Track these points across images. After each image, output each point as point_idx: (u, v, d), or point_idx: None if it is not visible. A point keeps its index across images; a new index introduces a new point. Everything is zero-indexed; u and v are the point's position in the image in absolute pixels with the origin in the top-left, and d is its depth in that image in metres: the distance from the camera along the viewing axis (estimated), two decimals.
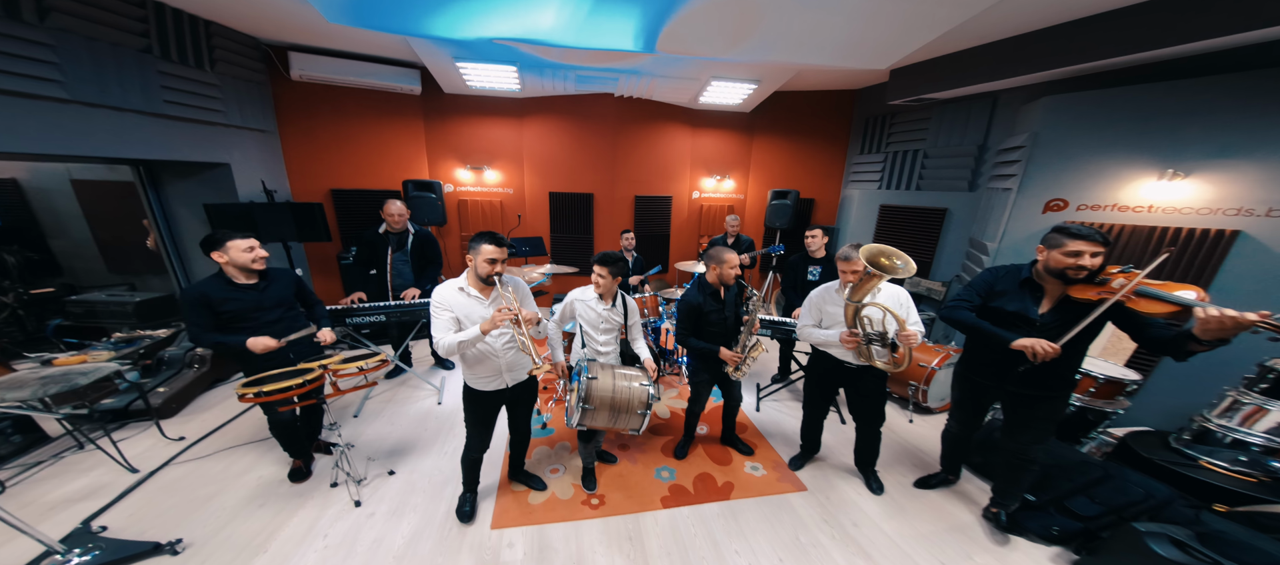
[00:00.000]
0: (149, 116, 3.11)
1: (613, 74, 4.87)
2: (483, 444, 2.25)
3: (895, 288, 2.29)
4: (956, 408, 2.44)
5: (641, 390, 2.20)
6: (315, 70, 4.36)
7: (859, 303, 2.17)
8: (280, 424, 2.39)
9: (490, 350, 2.01)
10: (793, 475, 2.83)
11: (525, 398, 2.29)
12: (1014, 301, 1.97)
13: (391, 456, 2.81)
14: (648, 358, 2.56)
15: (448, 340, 1.87)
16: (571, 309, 2.48)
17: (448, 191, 5.45)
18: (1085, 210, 3.30)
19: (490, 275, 1.89)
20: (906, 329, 2.10)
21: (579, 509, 2.49)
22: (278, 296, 2.33)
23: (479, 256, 1.88)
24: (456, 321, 1.93)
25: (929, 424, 3.46)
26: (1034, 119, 3.55)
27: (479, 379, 2.08)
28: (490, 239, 1.88)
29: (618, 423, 2.21)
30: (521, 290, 2.11)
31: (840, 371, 2.47)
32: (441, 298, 1.93)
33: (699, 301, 2.54)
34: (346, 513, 2.31)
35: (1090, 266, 1.75)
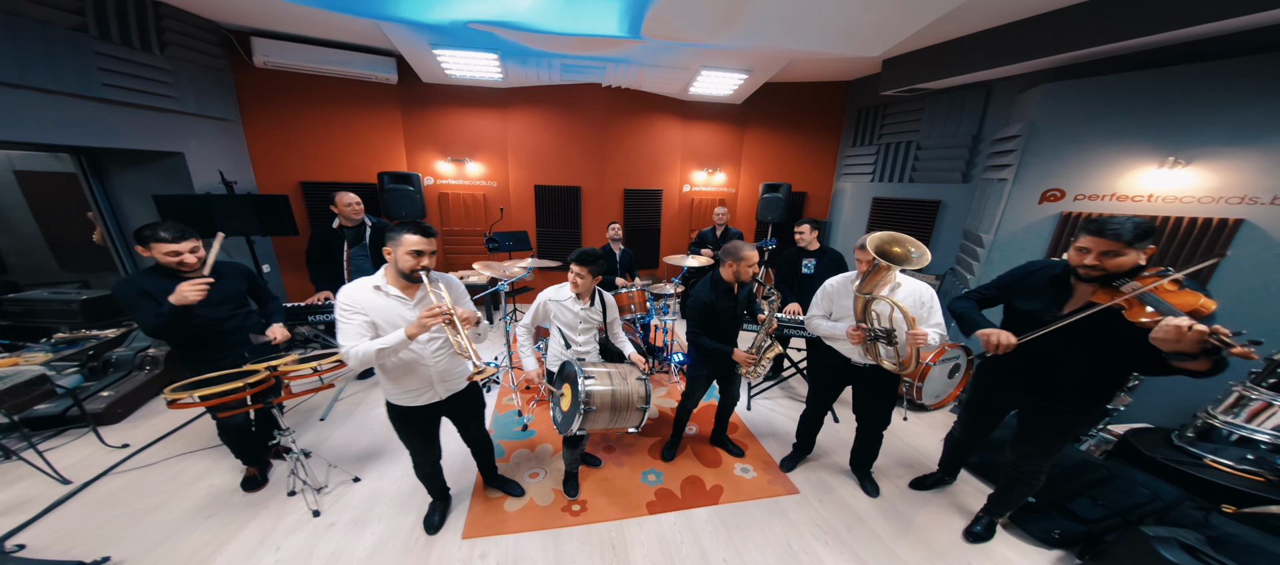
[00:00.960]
0: (85, 100, 2.88)
1: (599, 63, 4.73)
2: (430, 460, 2.08)
3: (918, 284, 2.08)
4: (964, 410, 2.32)
5: (640, 385, 2.08)
6: (281, 57, 4.15)
7: (869, 295, 2.01)
8: (230, 429, 2.21)
9: (417, 357, 1.74)
10: (784, 477, 2.72)
11: (469, 408, 2.07)
12: (1034, 299, 1.78)
13: (359, 462, 2.64)
14: (633, 352, 2.43)
15: (361, 349, 1.53)
16: (544, 310, 2.33)
17: (428, 184, 5.27)
18: (1083, 200, 3.23)
19: (414, 271, 1.60)
20: (915, 328, 1.92)
21: (559, 516, 2.35)
22: (226, 292, 2.16)
23: (400, 248, 1.59)
24: (372, 327, 1.61)
25: (924, 422, 3.37)
26: (1030, 107, 3.48)
27: (405, 393, 1.80)
28: (414, 228, 1.59)
29: (617, 422, 2.06)
30: (456, 289, 1.84)
31: (847, 369, 2.34)
32: (351, 299, 1.60)
33: (711, 299, 2.39)
34: (304, 523, 2.14)
35: (1100, 266, 1.53)
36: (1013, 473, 2.07)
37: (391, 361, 1.70)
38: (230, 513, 2.19)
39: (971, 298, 2.02)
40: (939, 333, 2.03)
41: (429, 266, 1.64)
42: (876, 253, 1.89)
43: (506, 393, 3.60)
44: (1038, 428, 1.93)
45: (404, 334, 1.55)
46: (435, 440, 2.04)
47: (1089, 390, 1.75)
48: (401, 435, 1.94)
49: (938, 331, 2.03)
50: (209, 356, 2.09)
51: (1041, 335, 1.66)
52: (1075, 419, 1.85)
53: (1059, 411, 1.85)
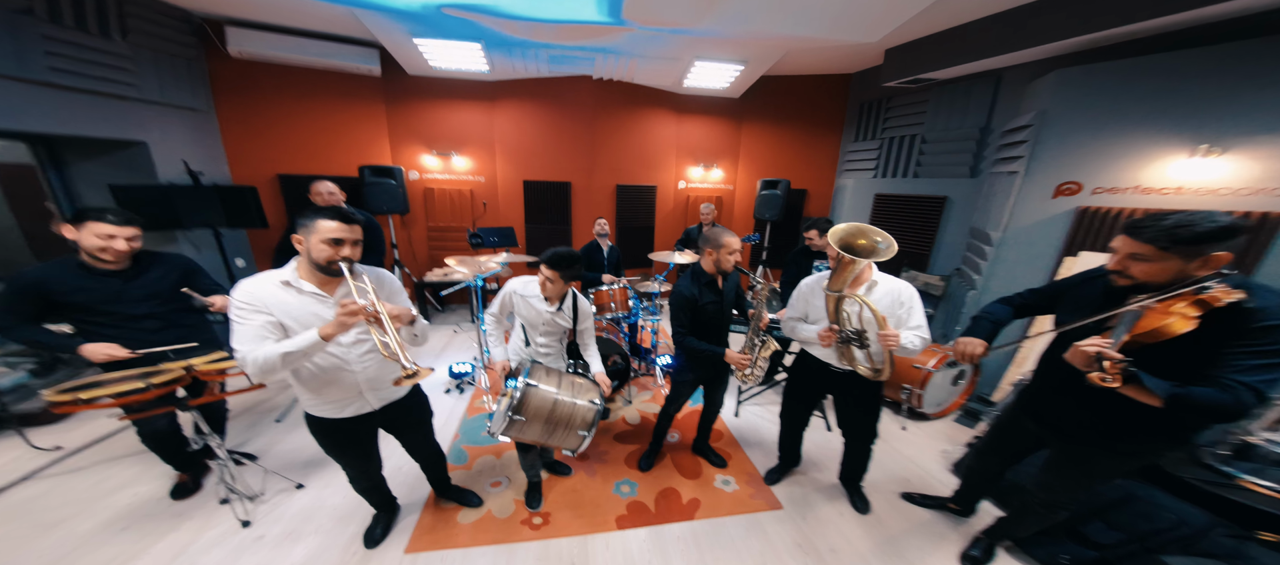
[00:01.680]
0: (27, 84, 2.75)
1: (587, 53, 4.57)
2: (365, 473, 1.86)
3: (897, 283, 1.92)
4: (987, 440, 2.05)
5: (588, 408, 1.88)
6: (257, 47, 4.04)
7: (839, 292, 1.83)
8: (153, 435, 2.04)
9: (340, 363, 1.52)
10: (768, 491, 2.51)
11: (410, 418, 1.87)
12: (1077, 311, 1.47)
13: (308, 468, 2.48)
14: (599, 370, 2.23)
15: (262, 353, 1.29)
16: (509, 302, 2.15)
17: (413, 179, 5.15)
18: (1102, 193, 2.98)
19: (332, 262, 1.38)
20: (886, 329, 1.75)
21: (517, 530, 2.17)
22: (151, 288, 1.96)
23: (313, 236, 1.37)
24: (279, 329, 1.38)
25: (924, 432, 3.14)
26: (1042, 96, 3.25)
27: (328, 404, 1.57)
28: (332, 214, 1.37)
29: (552, 439, 1.87)
30: (388, 284, 1.62)
31: (826, 375, 2.13)
32: (250, 296, 1.35)
33: (694, 294, 2.17)
34: (230, 535, 1.99)
35: (1132, 275, 1.29)
36: (1030, 501, 1.81)
37: (307, 369, 1.47)
38: (149, 524, 2.03)
39: (1009, 302, 1.80)
40: (919, 336, 1.85)
41: (351, 258, 1.41)
42: (840, 246, 1.72)
43: (480, 395, 3.43)
44: (1061, 462, 1.68)
45: (317, 335, 1.32)
46: (371, 454, 1.85)
47: (1122, 424, 1.43)
48: (329, 450, 1.71)
49: (917, 335, 1.85)
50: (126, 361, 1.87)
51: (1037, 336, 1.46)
52: (1107, 457, 1.53)
53: (1083, 448, 1.59)
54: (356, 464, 1.81)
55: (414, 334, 1.61)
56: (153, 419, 1.97)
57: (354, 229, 1.42)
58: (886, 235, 1.72)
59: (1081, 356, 1.28)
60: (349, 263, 1.40)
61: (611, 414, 3.26)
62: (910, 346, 1.83)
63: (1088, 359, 1.25)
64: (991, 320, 1.74)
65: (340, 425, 1.63)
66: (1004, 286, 3.40)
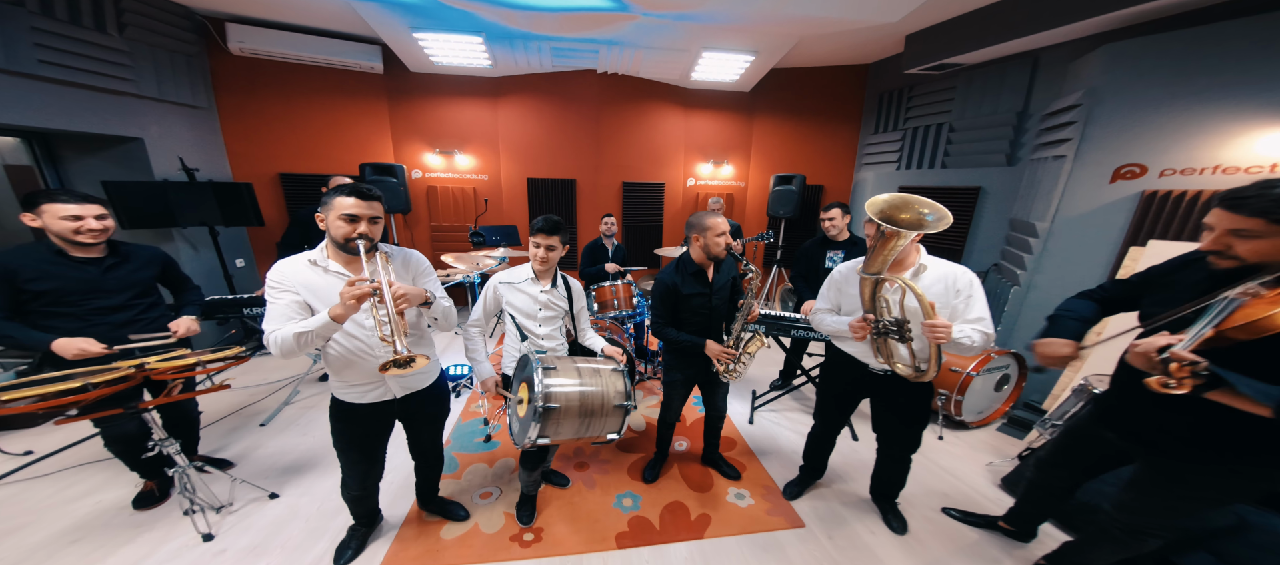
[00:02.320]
0: (15, 76, 2.70)
1: (591, 45, 4.43)
2: (364, 480, 1.74)
3: (951, 267, 1.63)
4: (1055, 448, 1.74)
5: (615, 378, 1.68)
6: (258, 43, 4.02)
7: (877, 275, 1.56)
8: (120, 439, 1.89)
9: (361, 347, 1.47)
10: (787, 506, 2.24)
11: (427, 410, 1.76)
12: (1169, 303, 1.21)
13: (285, 475, 2.31)
14: (605, 345, 2.04)
15: (282, 334, 1.29)
16: (494, 298, 1.94)
17: (415, 178, 5.06)
18: (1172, 175, 2.64)
19: (349, 239, 1.35)
20: (933, 317, 1.45)
21: (505, 547, 1.95)
22: (128, 279, 1.85)
23: (331, 213, 1.35)
24: (305, 309, 1.38)
25: (964, 443, 2.83)
26: (1090, 73, 2.95)
27: (351, 387, 1.55)
28: (349, 190, 1.35)
29: (590, 430, 1.65)
30: (415, 265, 1.59)
31: (863, 377, 1.86)
32: (281, 275, 1.38)
33: (675, 282, 2.00)
34: (188, 549, 1.81)
35: (1238, 254, 1.07)
36: (1109, 526, 1.49)
37: (333, 349, 1.47)
38: (104, 536, 1.87)
39: (1092, 296, 1.54)
40: (980, 331, 1.55)
41: (370, 235, 1.37)
42: (880, 218, 1.46)
43: (475, 399, 3.24)
44: (1153, 482, 1.38)
45: (328, 316, 1.28)
46: (378, 453, 1.73)
47: (1243, 439, 1.15)
48: (338, 441, 1.63)
49: (977, 329, 1.55)
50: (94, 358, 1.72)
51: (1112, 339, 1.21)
52: (1213, 477, 1.25)
53: (1182, 465, 1.29)
54: (360, 463, 1.69)
55: (434, 318, 1.57)
56: (119, 421, 1.82)
57: (372, 206, 1.38)
58: (937, 206, 1.46)
59: (1141, 357, 1.06)
60: (367, 240, 1.36)
61: None
62: (967, 341, 1.53)
63: (1148, 360, 1.03)
64: (1076, 318, 1.46)
65: (360, 413, 1.58)
66: (1055, 282, 3.08)
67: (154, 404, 1.70)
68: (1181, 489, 1.32)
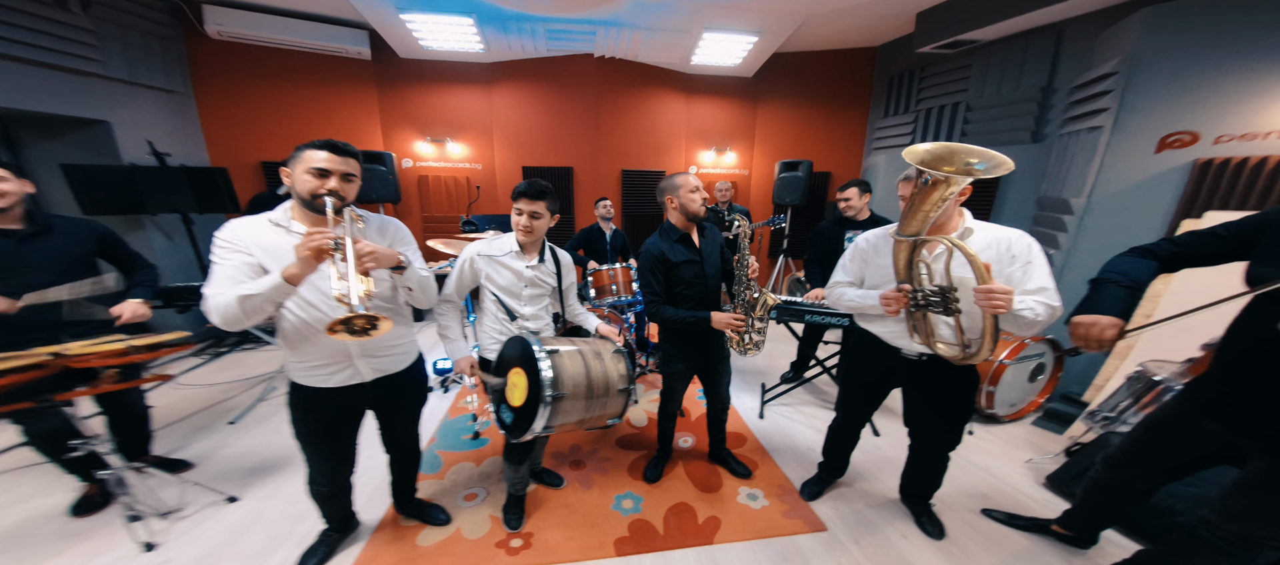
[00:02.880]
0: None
1: (587, 27, 4.24)
2: (334, 476, 1.53)
3: (1004, 231, 1.38)
4: (1132, 442, 1.45)
5: (618, 361, 1.53)
6: (237, 26, 3.84)
7: (915, 237, 1.32)
8: (42, 437, 1.66)
9: (322, 318, 1.26)
10: (806, 508, 2.00)
11: (402, 398, 1.56)
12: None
13: (250, 477, 2.09)
14: (599, 324, 1.83)
15: (224, 298, 1.11)
16: (471, 271, 1.69)
17: (406, 167, 4.86)
18: (1230, 141, 2.43)
19: (316, 196, 1.17)
20: (988, 280, 1.19)
21: (489, 554, 1.72)
22: (55, 254, 1.64)
23: (299, 167, 1.18)
24: (259, 272, 1.20)
25: (997, 438, 2.58)
26: (1128, 40, 2.75)
27: (315, 369, 1.33)
28: (322, 144, 1.18)
29: (593, 411, 1.49)
30: (392, 232, 1.41)
31: (896, 363, 1.61)
32: (234, 234, 1.19)
33: (662, 250, 1.78)
34: (126, 560, 1.58)
35: None
36: (1210, 536, 1.22)
37: (288, 321, 1.27)
38: (32, 546, 1.64)
39: (1153, 253, 1.25)
40: (1044, 303, 1.28)
41: (339, 193, 1.19)
42: (922, 166, 1.21)
43: (465, 394, 3.02)
44: (1266, 480, 1.12)
45: (280, 277, 1.11)
46: (348, 445, 1.52)
47: None
48: (300, 432, 1.41)
49: (1040, 300, 1.28)
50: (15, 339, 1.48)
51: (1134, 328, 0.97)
52: None
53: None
54: (328, 457, 1.49)
55: (409, 286, 1.36)
56: (42, 416, 1.59)
57: (346, 162, 1.22)
58: (989, 152, 1.18)
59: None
60: (336, 198, 1.18)
61: None
62: (1030, 314, 1.26)
63: None
64: (1126, 284, 1.19)
65: (326, 399, 1.37)
66: (1095, 263, 2.81)
67: (74, 396, 1.47)
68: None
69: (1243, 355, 1.14)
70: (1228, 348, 1.19)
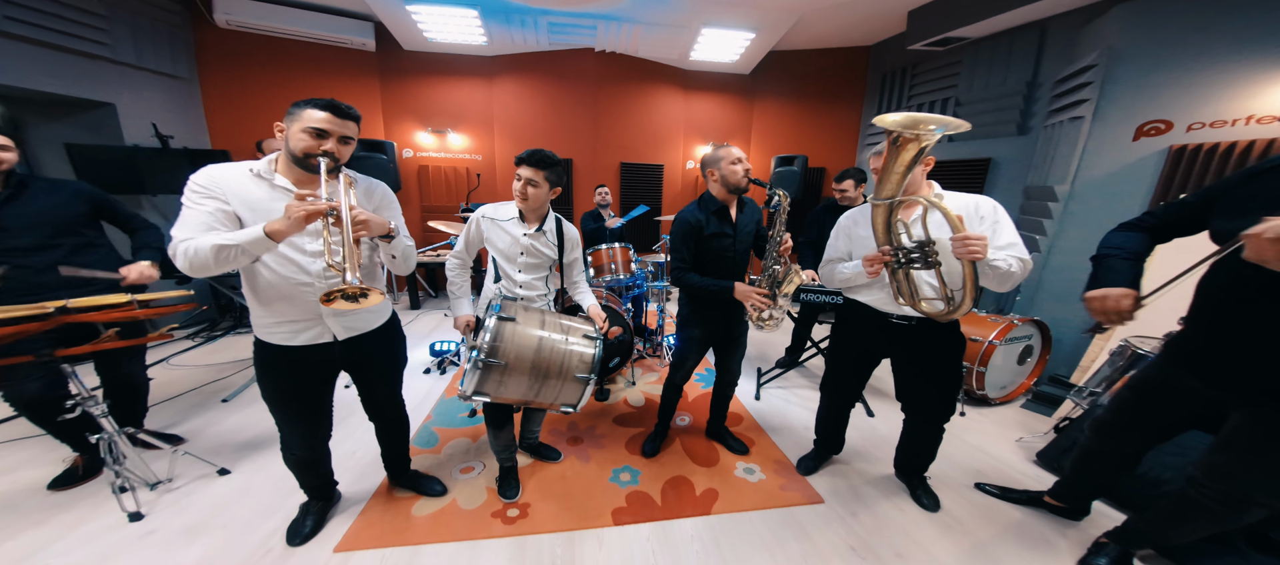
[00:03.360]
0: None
1: (588, 20, 4.21)
2: (309, 439, 1.44)
3: (972, 196, 1.43)
4: (1115, 407, 1.44)
5: (586, 347, 1.48)
6: (245, 16, 3.78)
7: (892, 200, 1.35)
8: (23, 402, 1.58)
9: (299, 276, 1.21)
10: (803, 482, 1.97)
11: (377, 359, 1.48)
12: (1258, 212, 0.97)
13: (241, 451, 2.02)
14: (593, 304, 1.76)
15: (198, 243, 1.03)
16: (477, 231, 1.67)
17: (407, 157, 4.80)
18: (1202, 129, 2.46)
19: (310, 154, 1.13)
20: (962, 229, 1.24)
21: (486, 523, 1.67)
22: (40, 215, 1.57)
23: (296, 124, 1.13)
24: (235, 222, 1.13)
25: (989, 419, 2.56)
26: (1106, 34, 2.79)
27: (281, 326, 1.26)
28: (324, 104, 1.14)
29: (543, 393, 1.45)
30: (379, 196, 1.35)
31: (884, 330, 1.60)
32: (212, 180, 1.12)
33: (699, 220, 1.74)
34: (111, 530, 1.51)
35: None
36: (1193, 496, 1.23)
37: (262, 277, 1.20)
38: (13, 517, 1.56)
39: (1139, 226, 1.29)
40: (1016, 256, 1.33)
41: (334, 154, 1.14)
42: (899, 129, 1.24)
43: (463, 375, 2.95)
44: (1247, 435, 1.12)
45: (262, 231, 1.04)
46: (321, 406, 1.43)
47: None
48: (269, 394, 1.34)
49: (1011, 254, 1.33)
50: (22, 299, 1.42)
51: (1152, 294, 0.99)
52: None
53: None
54: (301, 419, 1.40)
55: (393, 254, 1.32)
56: (19, 380, 1.52)
57: (346, 124, 1.18)
58: (947, 118, 1.21)
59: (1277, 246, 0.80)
60: (331, 159, 1.13)
61: (611, 395, 2.76)
62: (1005, 266, 1.31)
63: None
64: (1126, 256, 1.21)
65: (293, 357, 1.30)
66: (1080, 246, 2.86)
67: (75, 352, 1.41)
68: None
69: (1213, 309, 1.15)
70: (1200, 304, 1.20)
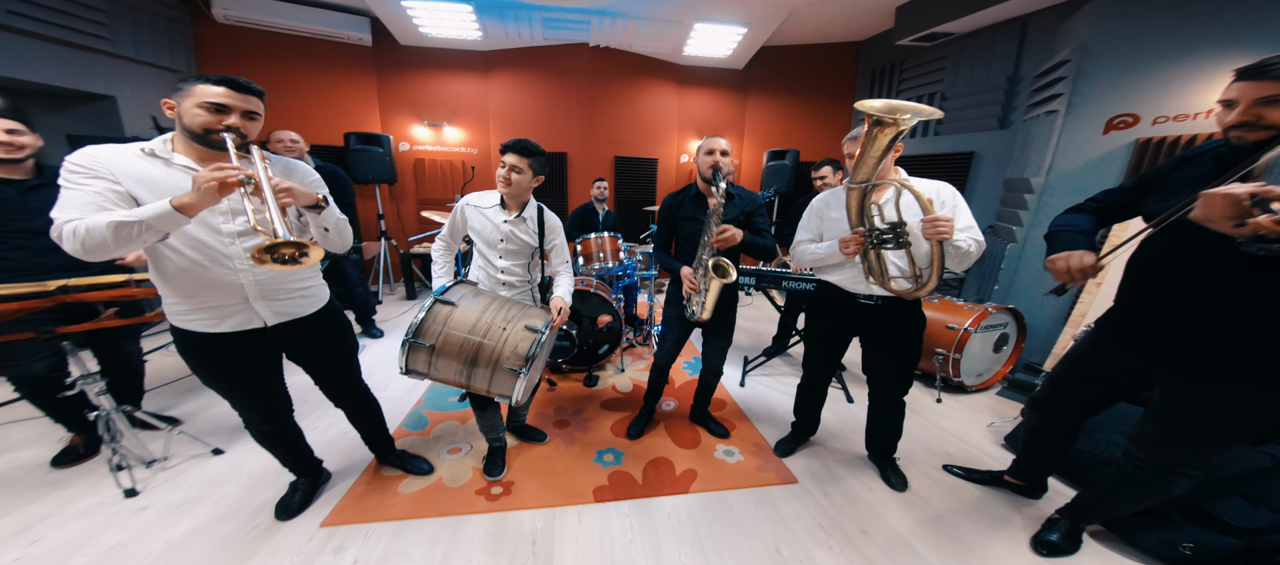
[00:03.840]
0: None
1: (582, 16, 4.19)
2: (267, 414, 1.41)
3: (933, 183, 1.49)
4: (1049, 383, 1.53)
5: (525, 336, 1.43)
6: (243, 11, 3.77)
7: (865, 183, 1.39)
8: (24, 381, 1.59)
9: (217, 255, 1.13)
10: (779, 463, 2.00)
11: (319, 345, 1.41)
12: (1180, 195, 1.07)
13: (237, 432, 2.02)
14: (560, 295, 1.70)
15: (91, 222, 0.93)
16: (461, 217, 1.69)
17: (403, 150, 4.79)
18: (1166, 123, 2.48)
19: (211, 130, 1.04)
20: (931, 211, 1.31)
21: (470, 500, 1.70)
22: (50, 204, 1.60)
23: (187, 100, 1.04)
24: (127, 200, 1.02)
25: (965, 406, 2.59)
26: (1079, 30, 2.82)
27: (201, 314, 1.17)
28: (217, 79, 1.05)
29: (475, 379, 1.43)
30: (302, 173, 1.27)
31: (853, 310, 1.65)
32: (94, 160, 1.00)
33: (675, 203, 1.87)
34: (104, 506, 1.54)
35: (1272, 122, 0.92)
36: (1129, 468, 1.30)
37: (171, 261, 1.10)
38: (11, 494, 1.58)
39: (1083, 209, 1.36)
40: (973, 238, 1.39)
41: (240, 130, 1.06)
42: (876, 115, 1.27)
43: None
44: (1170, 404, 1.18)
45: (169, 205, 0.95)
46: (269, 387, 1.38)
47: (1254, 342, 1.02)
48: (206, 379, 1.29)
49: (969, 236, 1.40)
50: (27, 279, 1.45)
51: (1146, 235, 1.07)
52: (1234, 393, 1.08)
53: (1201, 377, 1.10)
54: (247, 399, 1.36)
55: (325, 227, 1.23)
56: (23, 359, 1.54)
57: (249, 100, 1.09)
58: (919, 106, 1.24)
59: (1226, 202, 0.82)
60: (237, 135, 1.05)
61: (600, 381, 2.78)
62: (965, 245, 1.38)
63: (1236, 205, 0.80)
64: (1078, 232, 1.28)
65: (218, 343, 1.21)
66: None
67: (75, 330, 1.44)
68: (1227, 410, 1.10)
69: (1139, 286, 1.21)
70: (1128, 280, 1.25)
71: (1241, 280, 1.01)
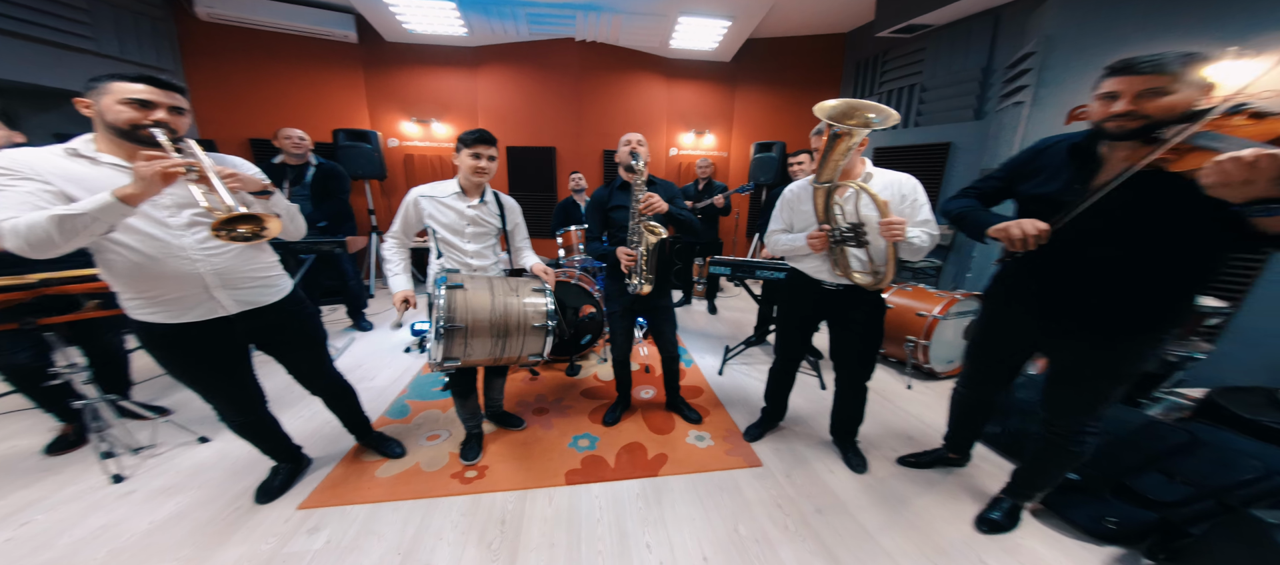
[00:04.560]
0: None
1: (567, 11, 4.17)
2: (239, 406, 1.44)
3: (896, 175, 1.53)
4: (970, 359, 1.60)
5: (538, 298, 1.56)
6: (226, 9, 3.76)
7: (830, 183, 1.45)
8: (9, 371, 1.63)
9: (165, 249, 1.13)
10: (746, 447, 2.05)
11: (289, 335, 1.44)
12: (1050, 180, 1.22)
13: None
14: (537, 262, 1.85)
15: (31, 219, 0.92)
16: (415, 211, 1.68)
17: (392, 146, 4.80)
18: None
19: (137, 126, 1.04)
20: (887, 215, 1.36)
21: (445, 483, 1.75)
22: None
23: (106, 97, 1.04)
24: (61, 199, 1.01)
25: (932, 391, 2.64)
26: (1044, 22, 2.85)
27: (162, 306, 1.18)
28: (137, 76, 1.06)
29: (507, 351, 1.53)
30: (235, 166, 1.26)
31: (818, 295, 1.71)
32: (16, 163, 0.99)
33: (604, 195, 1.93)
34: (91, 492, 1.59)
35: (1138, 113, 0.99)
36: (1047, 436, 1.40)
37: (120, 256, 1.10)
38: (1, 480, 1.63)
39: (968, 194, 1.45)
40: (927, 233, 1.46)
41: (168, 125, 1.07)
42: (830, 120, 1.32)
43: None
44: (1072, 367, 1.29)
45: (112, 196, 0.95)
46: (238, 377, 1.40)
47: (1140, 304, 1.14)
48: (174, 372, 1.31)
49: (924, 230, 1.46)
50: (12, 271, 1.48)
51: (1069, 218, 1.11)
52: (1140, 349, 1.20)
53: (1099, 341, 1.20)
54: (218, 391, 1.39)
55: (275, 213, 1.24)
56: (9, 349, 1.58)
57: (172, 96, 1.10)
58: (882, 107, 1.30)
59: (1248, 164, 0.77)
60: (168, 130, 1.06)
61: (582, 371, 2.83)
62: (919, 241, 1.44)
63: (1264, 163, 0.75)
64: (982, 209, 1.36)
65: (184, 335, 1.23)
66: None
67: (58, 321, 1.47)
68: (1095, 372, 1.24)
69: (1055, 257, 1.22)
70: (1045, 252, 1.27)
71: (1089, 256, 1.13)
